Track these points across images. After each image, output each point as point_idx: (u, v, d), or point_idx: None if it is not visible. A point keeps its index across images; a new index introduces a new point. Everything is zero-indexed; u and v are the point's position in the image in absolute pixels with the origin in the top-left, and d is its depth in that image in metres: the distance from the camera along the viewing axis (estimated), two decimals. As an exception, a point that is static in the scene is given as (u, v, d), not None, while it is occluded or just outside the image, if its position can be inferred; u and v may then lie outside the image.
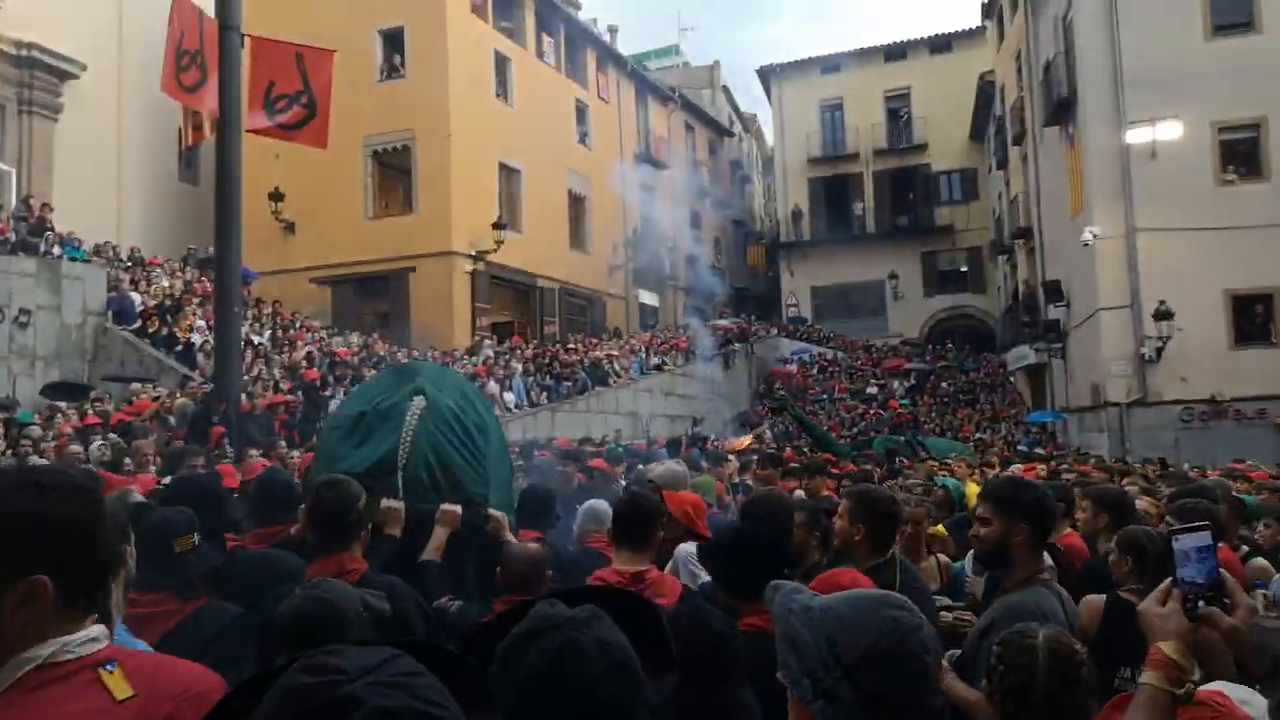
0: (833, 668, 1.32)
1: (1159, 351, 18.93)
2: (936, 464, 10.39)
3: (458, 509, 3.69)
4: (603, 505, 4.59)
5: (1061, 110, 21.66)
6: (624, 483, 7.43)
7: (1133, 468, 10.32)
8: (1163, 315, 18.64)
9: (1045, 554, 4.29)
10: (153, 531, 2.86)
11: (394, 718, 0.88)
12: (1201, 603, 1.69)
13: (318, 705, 0.88)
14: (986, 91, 32.14)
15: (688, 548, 3.75)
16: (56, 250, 16.50)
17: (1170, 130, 19.22)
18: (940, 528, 5.12)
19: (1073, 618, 2.79)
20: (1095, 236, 19.32)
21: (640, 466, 8.20)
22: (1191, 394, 19.03)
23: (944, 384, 29.77)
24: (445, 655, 1.09)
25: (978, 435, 23.81)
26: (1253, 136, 19.29)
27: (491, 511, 3.86)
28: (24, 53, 19.91)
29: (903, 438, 13.90)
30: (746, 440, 13.28)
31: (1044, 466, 10.61)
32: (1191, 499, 4.32)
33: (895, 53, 38.13)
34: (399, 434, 3.90)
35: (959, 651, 2.76)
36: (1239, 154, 19.46)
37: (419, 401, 4.00)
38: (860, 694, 1.31)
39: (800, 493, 6.12)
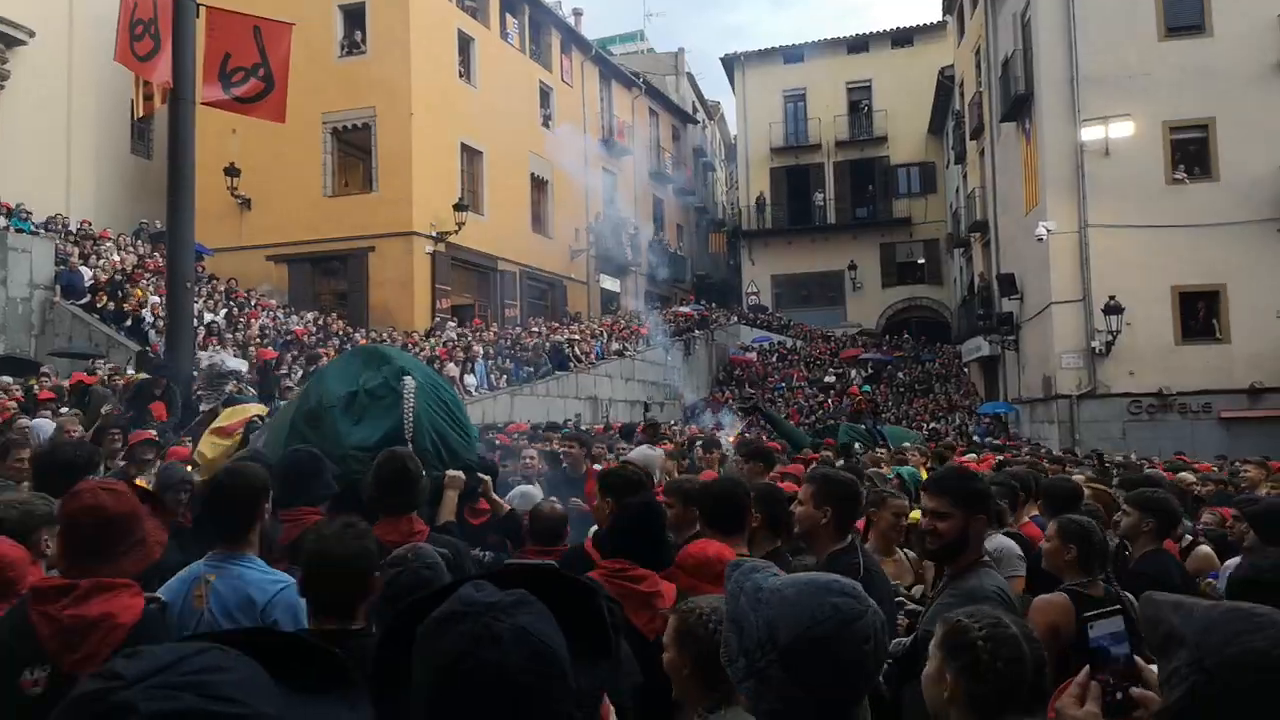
0: (769, 650, 1.33)
1: (1109, 345, 19.37)
2: (888, 452, 10.55)
3: (461, 474, 4.17)
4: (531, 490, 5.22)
5: (1019, 106, 21.98)
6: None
7: (1073, 459, 10.54)
8: (1112, 310, 19.05)
9: (1013, 541, 4.41)
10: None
11: None
12: (1119, 694, 1.55)
13: (89, 715, 0.83)
14: (946, 86, 32.49)
15: None
16: (2, 222, 16.06)
17: (1123, 129, 19.60)
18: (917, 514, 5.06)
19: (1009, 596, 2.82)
20: (1049, 231, 19.67)
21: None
22: (1139, 387, 19.50)
23: (900, 374, 30.18)
24: (301, 643, 1.04)
25: (932, 425, 24.21)
26: (1202, 137, 19.74)
27: (481, 475, 4.41)
28: (-32, 17, 19.28)
29: (863, 425, 14.06)
30: (735, 436, 13.40)
31: (998, 458, 10.88)
32: (1150, 488, 4.42)
33: (858, 45, 38.40)
34: (399, 411, 4.35)
35: (906, 641, 2.78)
36: (1189, 153, 19.92)
37: (409, 381, 4.41)
38: (791, 677, 1.31)
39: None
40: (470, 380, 18.28)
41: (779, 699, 1.32)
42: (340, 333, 19.14)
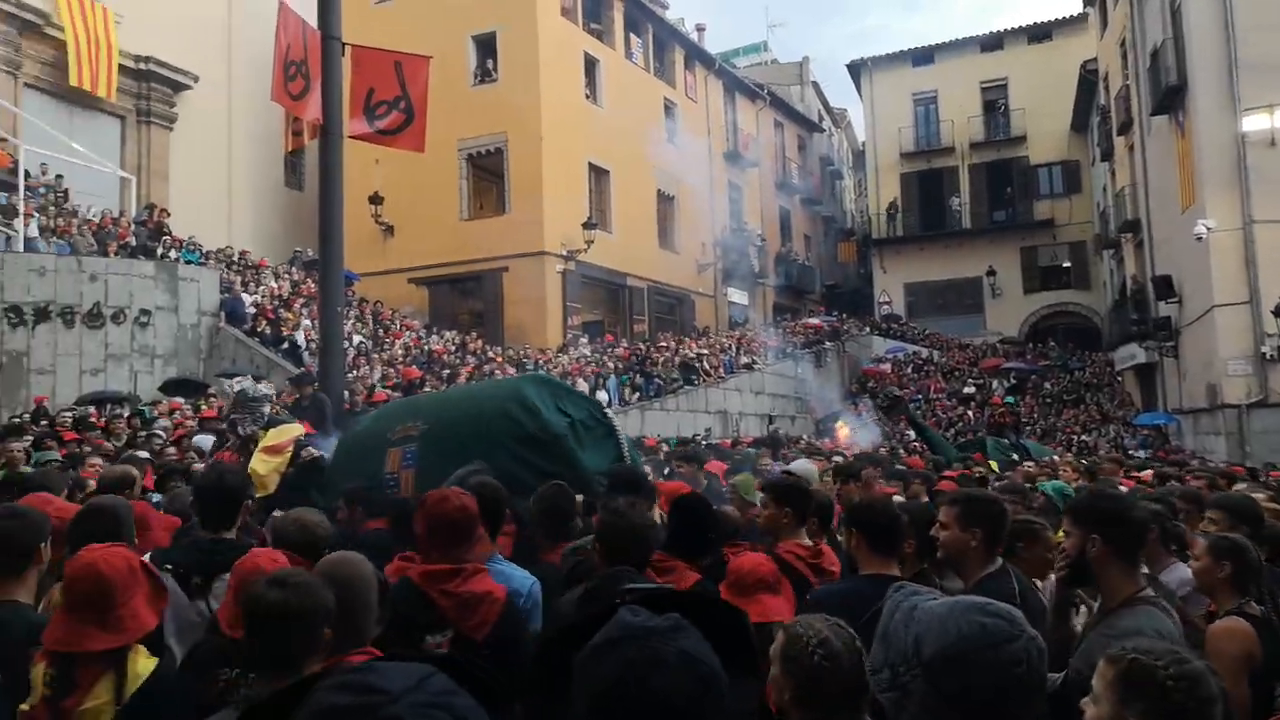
0: (913, 664, 1.34)
1: (1280, 350, 17.92)
2: (1037, 466, 10.02)
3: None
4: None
5: (1170, 98, 20.67)
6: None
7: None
8: (1285, 311, 17.63)
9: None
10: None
11: None
12: None
13: None
14: (1089, 80, 30.91)
15: None
16: (173, 254, 17.39)
17: (1292, 116, 18.16)
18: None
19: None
20: (1209, 230, 18.38)
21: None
22: (1317, 395, 17.95)
23: (1047, 384, 28.77)
24: (468, 671, 1.05)
25: (1082, 437, 22.95)
26: (1385, 120, 18.06)
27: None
28: (142, 65, 21.05)
29: (1007, 440, 13.28)
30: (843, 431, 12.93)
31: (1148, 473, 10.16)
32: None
33: (992, 43, 37.02)
34: (614, 440, 5.16)
35: (1057, 678, 2.54)
36: (1369, 139, 18.24)
37: (611, 413, 5.22)
38: (935, 691, 1.31)
39: (899, 497, 5.92)
40: (602, 396, 18.53)
41: (921, 711, 1.32)
42: (477, 351, 19.78)
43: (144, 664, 2.43)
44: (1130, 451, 19.51)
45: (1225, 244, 18.49)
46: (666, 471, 7.73)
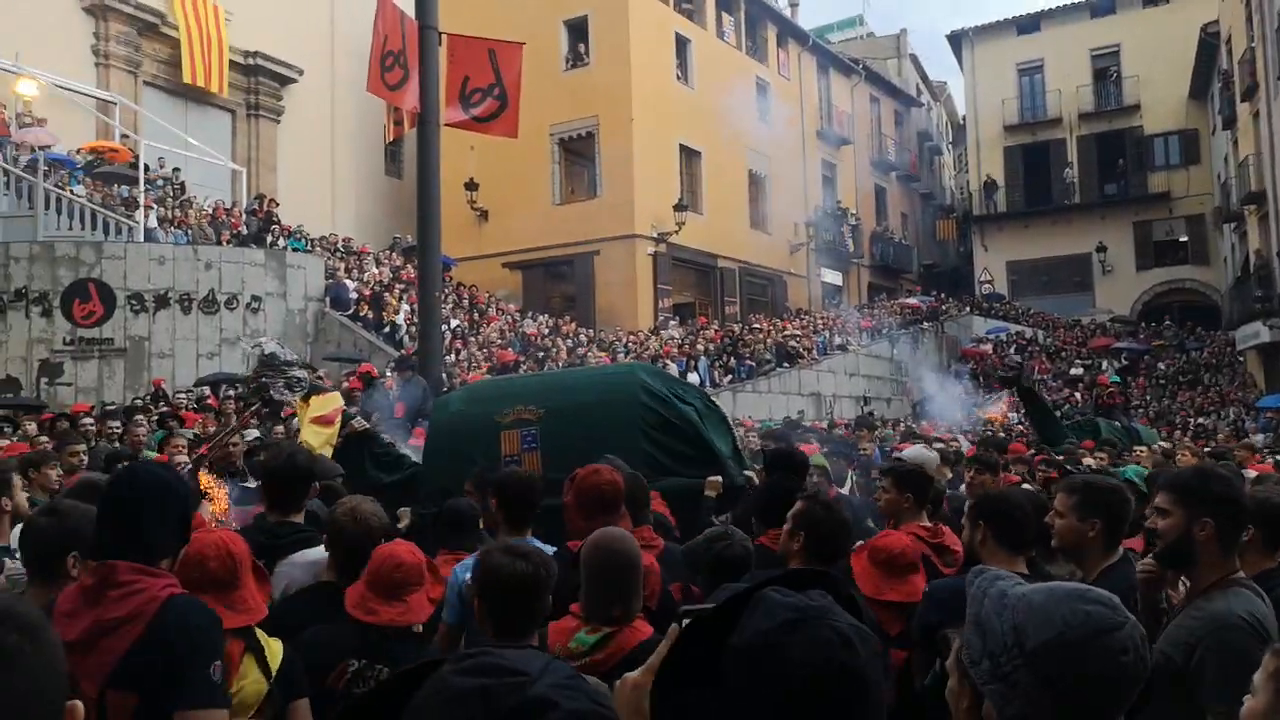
0: (1015, 654, 1.30)
1: None
2: (1149, 451, 9.53)
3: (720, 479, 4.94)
4: None
5: (1303, 58, 19.34)
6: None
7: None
8: None
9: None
10: None
11: None
12: None
13: (507, 708, 0.82)
14: (1209, 44, 29.12)
15: None
16: (281, 242, 18.09)
17: None
18: None
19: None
20: (1344, 199, 17.17)
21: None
22: None
23: (1160, 364, 27.43)
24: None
25: (1199, 420, 21.82)
26: None
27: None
28: (251, 61, 21.91)
29: (1117, 423, 12.61)
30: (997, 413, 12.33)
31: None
32: None
33: (1103, 7, 35.18)
34: (728, 424, 5.48)
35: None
36: None
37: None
38: (1039, 682, 1.28)
39: (1027, 485, 5.75)
40: (693, 378, 18.51)
41: (1028, 703, 1.28)
42: (570, 334, 19.99)
43: (275, 644, 2.47)
44: (1250, 434, 18.45)
45: (1362, 215, 17.25)
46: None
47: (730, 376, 19.54)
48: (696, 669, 1.08)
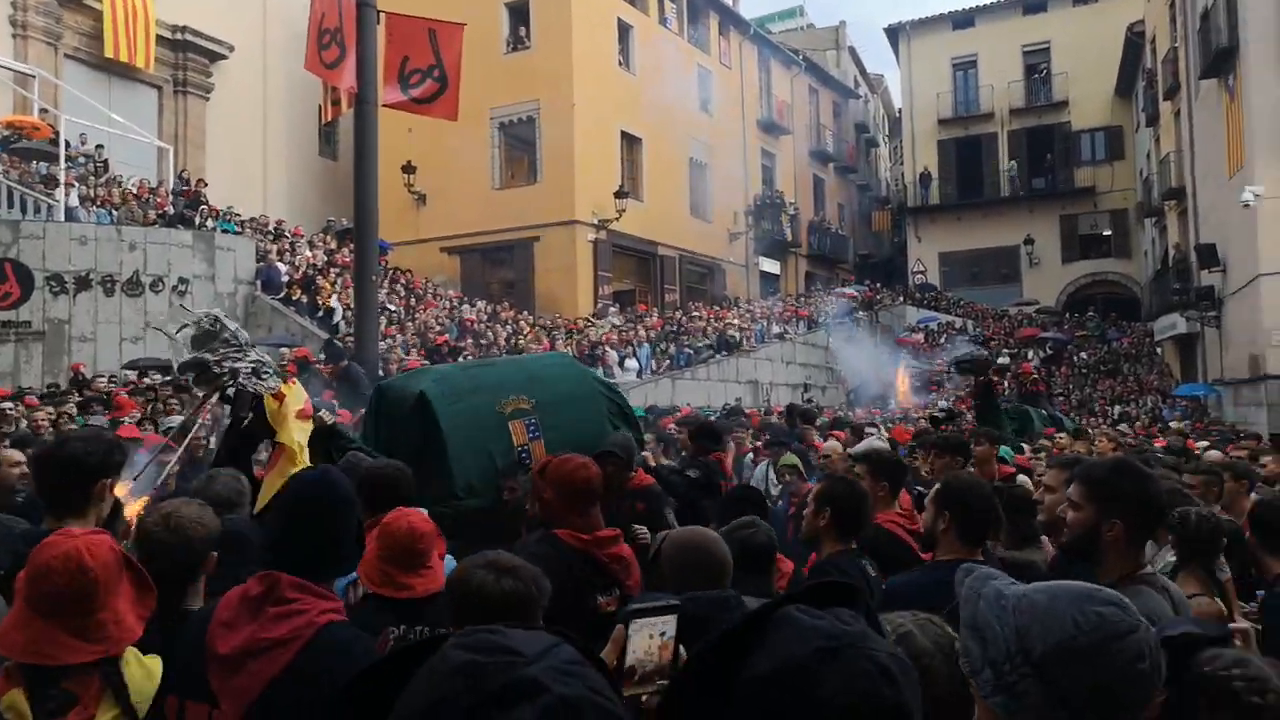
0: (1020, 662, 1.20)
1: (1328, 320, 17.48)
2: (1069, 437, 9.85)
3: None
4: None
5: (1221, 61, 20.05)
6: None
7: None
8: (1333, 281, 17.18)
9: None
10: None
11: (575, 709, 0.79)
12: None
13: (493, 687, 0.80)
14: (1135, 44, 30.07)
15: None
16: (210, 223, 17.58)
17: (1348, 78, 17.57)
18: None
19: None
20: (1257, 196, 17.89)
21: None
22: (1365, 367, 17.52)
23: (1083, 354, 28.36)
24: (585, 650, 0.95)
25: (1119, 408, 22.63)
26: None
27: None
28: (178, 36, 21.18)
29: (1044, 411, 12.74)
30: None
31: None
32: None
33: (1035, 5, 36.05)
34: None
35: None
36: None
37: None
38: (1051, 693, 1.18)
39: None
40: (632, 365, 18.57)
41: (1037, 717, 1.19)
42: (509, 321, 19.85)
43: (152, 663, 2.08)
44: (1168, 423, 19.21)
45: (1273, 211, 17.99)
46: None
47: (669, 364, 19.63)
48: (705, 697, 0.97)
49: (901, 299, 32.94)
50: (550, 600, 2.10)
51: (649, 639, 1.35)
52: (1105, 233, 35.33)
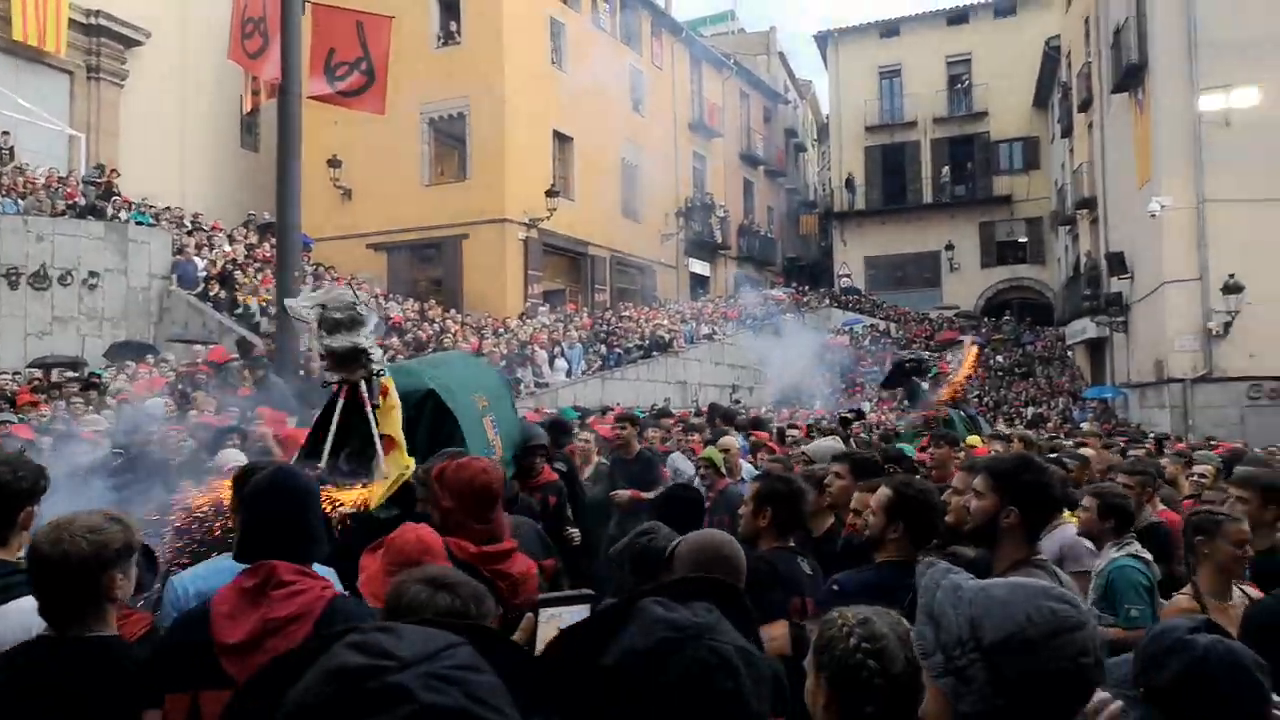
0: (970, 648, 1.26)
1: (1227, 326, 18.36)
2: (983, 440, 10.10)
3: None
4: None
5: (1131, 76, 20.92)
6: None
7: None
8: (1232, 289, 18.04)
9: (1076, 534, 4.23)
10: None
11: (444, 718, 0.76)
12: None
13: (359, 693, 0.77)
14: (1052, 57, 31.18)
15: None
16: (123, 215, 16.94)
17: (1246, 97, 18.47)
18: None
19: None
20: (1163, 207, 18.71)
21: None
22: (1261, 370, 18.43)
23: (999, 357, 29.27)
24: (505, 644, 0.95)
25: (1033, 410, 23.41)
26: (1334, 103, 18.46)
27: None
28: (92, 20, 20.35)
29: (962, 412, 13.14)
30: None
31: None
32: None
33: (958, 16, 37.13)
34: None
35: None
36: (1319, 122, 18.65)
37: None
38: (997, 679, 1.24)
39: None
40: (562, 364, 18.52)
41: (980, 700, 1.25)
42: (437, 319, 19.59)
43: None
44: (1079, 424, 19.95)
45: (1177, 222, 18.84)
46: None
47: (599, 364, 19.63)
48: (566, 685, 1.00)
49: (828, 302, 33.55)
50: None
51: (559, 630, 1.34)
52: (1022, 240, 36.53)
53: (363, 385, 3.79)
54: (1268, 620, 2.53)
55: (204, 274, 16.45)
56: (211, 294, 16.11)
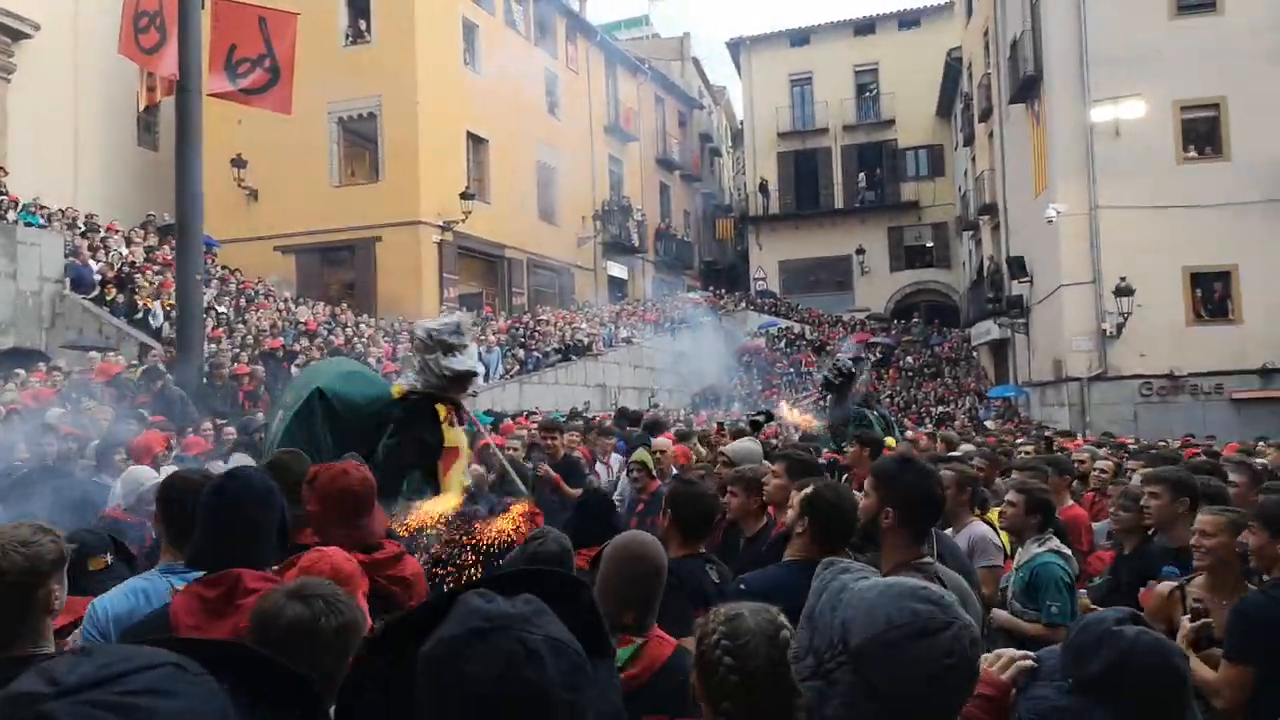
0: (839, 652, 1.25)
1: (1119, 327, 19.27)
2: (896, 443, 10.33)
3: None
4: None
5: (1027, 88, 21.80)
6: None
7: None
8: (1123, 292, 18.94)
9: (990, 529, 4.39)
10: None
11: None
12: None
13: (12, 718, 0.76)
14: (954, 68, 32.26)
15: None
16: (11, 215, 16.08)
17: (1133, 109, 19.44)
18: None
19: (968, 603, 2.36)
20: (1058, 213, 19.55)
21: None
22: (1150, 369, 19.41)
23: (909, 358, 30.11)
24: (265, 665, 0.94)
25: (941, 409, 24.15)
26: (1213, 116, 19.56)
27: None
28: (-26, 11, 19.28)
29: (877, 413, 13.33)
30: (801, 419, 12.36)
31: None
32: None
33: (865, 27, 38.10)
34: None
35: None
36: (1200, 133, 19.75)
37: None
38: (861, 682, 1.22)
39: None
40: (480, 368, 18.28)
41: (844, 704, 1.23)
42: (349, 323, 19.15)
43: None
44: (984, 422, 20.68)
45: (1072, 227, 19.70)
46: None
47: (518, 368, 19.48)
48: (381, 676, 1.03)
49: (744, 305, 34.00)
50: None
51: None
52: (928, 244, 37.67)
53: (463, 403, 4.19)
54: (1254, 612, 2.77)
55: (100, 277, 15.71)
56: (109, 298, 15.40)
